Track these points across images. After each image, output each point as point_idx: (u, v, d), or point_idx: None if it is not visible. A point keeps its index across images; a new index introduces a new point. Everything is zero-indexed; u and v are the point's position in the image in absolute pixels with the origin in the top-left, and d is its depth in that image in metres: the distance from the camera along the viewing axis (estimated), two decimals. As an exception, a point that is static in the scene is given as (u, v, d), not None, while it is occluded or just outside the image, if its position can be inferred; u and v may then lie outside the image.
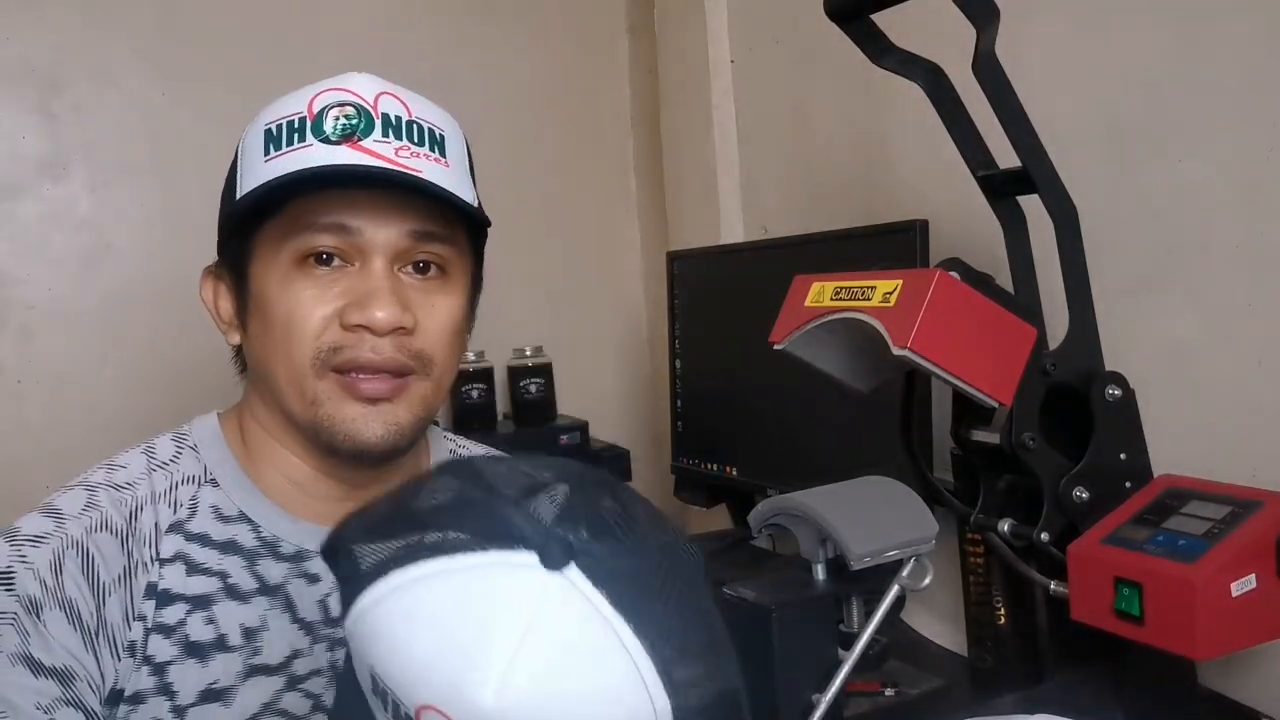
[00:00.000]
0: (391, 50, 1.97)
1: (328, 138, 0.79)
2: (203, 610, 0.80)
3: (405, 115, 0.82)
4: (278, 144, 0.80)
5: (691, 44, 1.93)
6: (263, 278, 0.81)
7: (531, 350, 1.99)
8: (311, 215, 0.79)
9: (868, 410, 1.14)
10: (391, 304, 0.79)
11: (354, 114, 0.80)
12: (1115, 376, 0.94)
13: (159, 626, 0.78)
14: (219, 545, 0.82)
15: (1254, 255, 1.02)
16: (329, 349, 0.79)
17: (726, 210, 1.89)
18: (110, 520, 0.79)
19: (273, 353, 0.81)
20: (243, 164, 0.83)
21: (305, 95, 0.82)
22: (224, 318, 0.87)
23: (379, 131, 0.80)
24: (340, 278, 0.80)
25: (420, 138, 0.82)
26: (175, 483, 0.83)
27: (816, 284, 0.97)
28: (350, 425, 0.80)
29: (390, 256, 0.81)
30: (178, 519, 0.82)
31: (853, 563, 0.88)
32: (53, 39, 1.75)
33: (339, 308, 0.79)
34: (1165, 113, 1.09)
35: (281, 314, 0.80)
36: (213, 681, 0.79)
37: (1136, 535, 0.86)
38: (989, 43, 0.93)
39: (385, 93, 0.83)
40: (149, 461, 0.84)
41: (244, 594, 0.82)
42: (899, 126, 1.48)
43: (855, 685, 0.93)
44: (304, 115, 0.80)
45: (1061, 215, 0.95)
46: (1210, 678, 0.99)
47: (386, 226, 0.80)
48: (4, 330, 1.73)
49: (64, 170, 1.76)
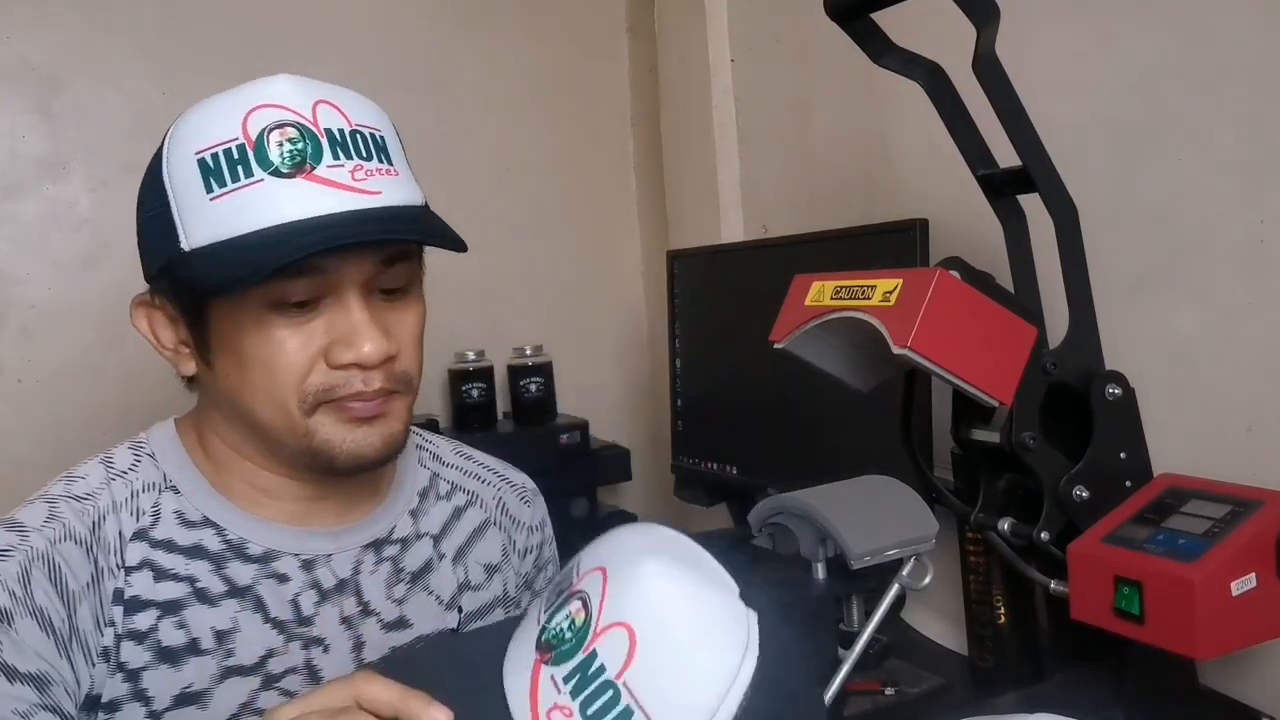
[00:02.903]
0: (391, 50, 1.98)
1: (277, 169, 0.73)
2: (173, 615, 0.80)
3: (346, 125, 0.77)
4: (220, 179, 0.74)
5: (692, 43, 1.93)
6: (230, 320, 0.78)
7: (531, 349, 1.99)
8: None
9: (868, 409, 1.14)
10: (378, 338, 0.77)
11: (297, 137, 0.75)
12: (1115, 375, 0.94)
13: (130, 633, 0.79)
14: (184, 550, 0.82)
15: (1254, 254, 1.02)
16: (319, 389, 0.78)
17: (727, 209, 1.89)
18: (74, 531, 0.79)
19: (254, 393, 0.79)
20: (178, 200, 0.76)
21: (234, 113, 0.75)
22: (166, 346, 0.84)
23: (329, 155, 0.75)
24: (316, 314, 0.78)
25: (367, 150, 0.78)
26: (135, 491, 0.83)
27: (817, 283, 0.97)
28: (351, 446, 0.80)
29: (361, 286, 0.78)
30: (141, 526, 0.82)
31: (853, 562, 0.88)
32: (52, 38, 1.75)
33: (322, 346, 0.78)
34: (1165, 112, 1.09)
35: (261, 358, 0.77)
36: (187, 685, 0.79)
37: (1137, 534, 0.87)
38: (989, 42, 0.93)
39: (320, 101, 0.77)
40: (107, 471, 0.84)
41: (213, 597, 0.82)
42: (899, 126, 1.48)
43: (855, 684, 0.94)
44: (241, 141, 0.74)
45: (1061, 214, 0.95)
46: (1210, 677, 0.99)
47: (358, 261, 0.77)
48: (4, 329, 1.73)
49: (64, 170, 1.76)
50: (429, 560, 0.93)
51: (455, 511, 0.97)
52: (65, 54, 1.76)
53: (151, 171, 0.79)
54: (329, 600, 0.86)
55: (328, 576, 0.86)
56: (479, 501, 0.98)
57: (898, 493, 0.95)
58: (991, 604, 1.10)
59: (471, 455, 1.03)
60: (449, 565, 0.94)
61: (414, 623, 0.90)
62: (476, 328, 2.04)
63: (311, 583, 0.85)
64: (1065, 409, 0.94)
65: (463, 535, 0.96)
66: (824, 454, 1.41)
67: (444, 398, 2.02)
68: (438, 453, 1.00)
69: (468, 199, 2.07)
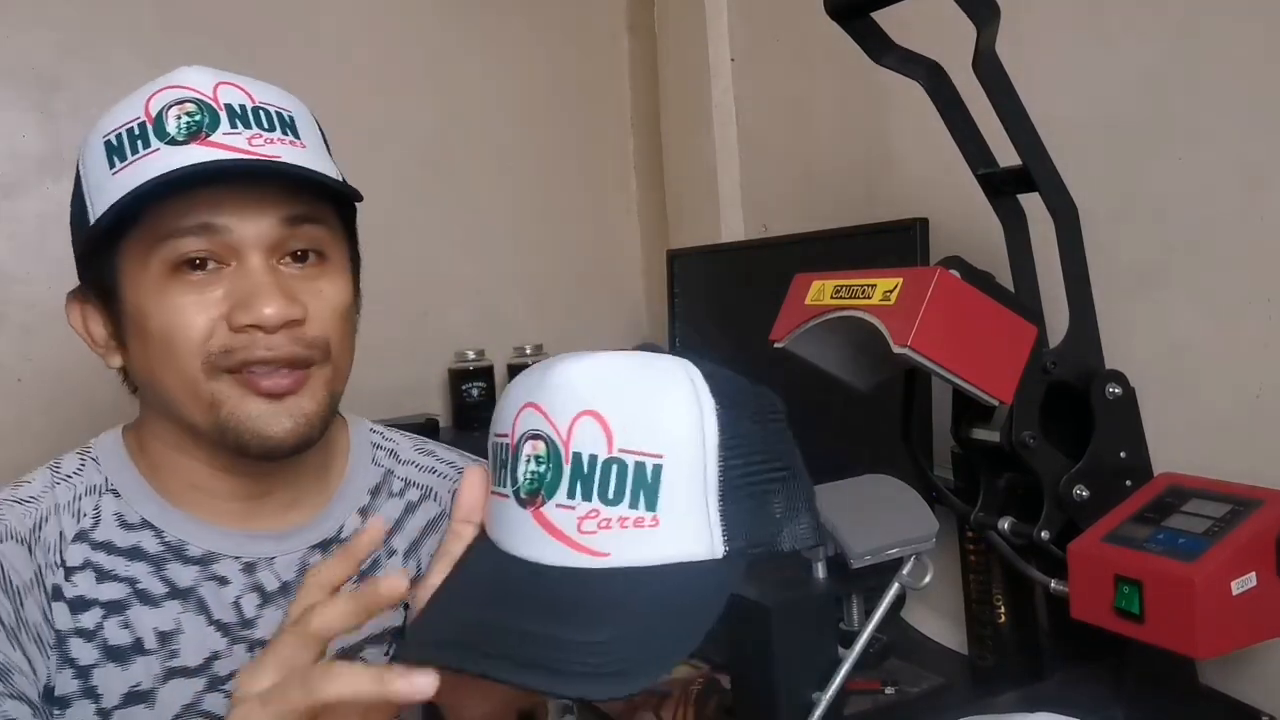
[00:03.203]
0: (392, 50, 1.98)
1: (173, 139, 0.76)
2: (117, 615, 0.80)
3: (249, 102, 0.79)
4: (121, 154, 0.76)
5: (692, 43, 1.93)
6: (135, 293, 0.78)
7: (532, 349, 2.00)
8: (173, 221, 0.76)
9: (868, 409, 1.14)
10: (278, 298, 0.76)
11: (195, 110, 0.77)
12: (1115, 375, 0.94)
13: (78, 630, 0.79)
14: (124, 552, 0.82)
15: (1254, 253, 1.02)
16: (219, 351, 0.77)
17: (727, 209, 1.89)
18: (14, 531, 0.80)
19: (159, 366, 0.79)
20: (88, 183, 0.79)
21: (139, 98, 0.78)
22: (98, 341, 0.85)
23: (225, 124, 0.77)
24: (218, 280, 0.77)
25: (270, 123, 0.79)
26: (78, 494, 0.83)
27: (817, 282, 0.97)
28: (256, 423, 0.78)
29: (265, 249, 0.78)
30: (82, 528, 0.82)
31: (853, 561, 0.88)
32: (52, 37, 1.75)
33: (223, 311, 0.77)
34: (1165, 111, 1.09)
35: (163, 325, 0.77)
36: (135, 684, 0.80)
37: (1137, 533, 0.86)
38: (989, 41, 0.93)
39: (223, 83, 0.79)
40: (53, 476, 0.85)
41: (155, 598, 0.82)
42: (899, 125, 1.48)
43: (855, 683, 0.93)
44: (142, 120, 0.77)
45: (1062, 213, 0.95)
46: (1210, 676, 0.99)
47: (255, 219, 0.77)
48: (3, 329, 1.72)
49: (64, 169, 1.76)
50: (376, 558, 0.91)
51: (408, 507, 0.95)
52: (65, 53, 1.75)
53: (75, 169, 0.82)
54: (272, 603, 0.85)
55: (270, 579, 0.86)
56: (433, 495, 0.97)
57: (898, 492, 0.95)
58: (991, 603, 1.10)
59: (433, 451, 1.01)
60: (399, 561, 0.92)
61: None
62: (476, 327, 2.04)
63: (253, 585, 0.85)
64: (1065, 408, 0.94)
65: (415, 530, 0.94)
66: (824, 453, 1.40)
67: (444, 397, 2.02)
68: (395, 449, 0.98)
69: (468, 198, 2.08)
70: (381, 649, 0.89)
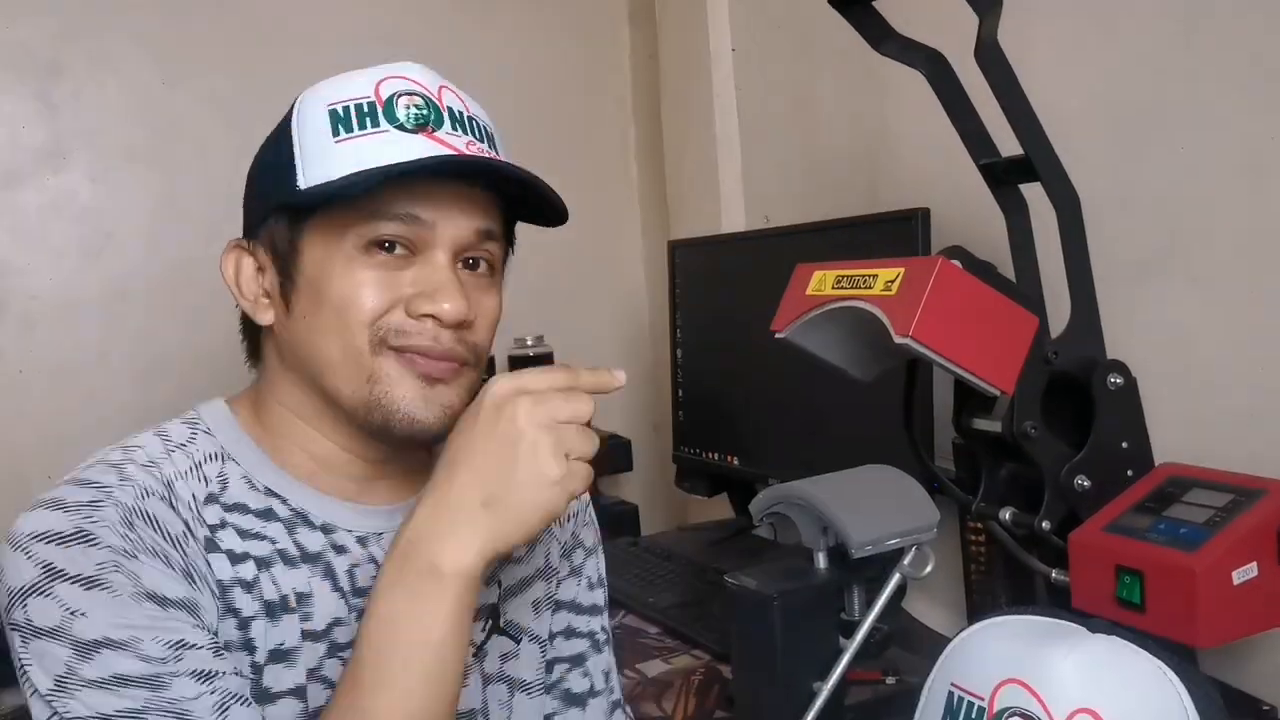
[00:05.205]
0: (392, 38, 1.97)
1: (403, 125, 0.79)
2: (266, 571, 0.80)
3: (465, 111, 0.83)
4: (348, 126, 0.79)
5: (692, 31, 1.92)
6: (321, 259, 0.81)
7: (533, 339, 1.99)
8: (385, 204, 0.79)
9: (869, 399, 1.14)
10: (460, 298, 0.80)
11: (423, 104, 0.81)
12: (1117, 364, 0.94)
13: (239, 581, 0.78)
14: (259, 513, 0.82)
15: (1256, 242, 1.01)
16: (391, 330, 0.80)
17: (728, 199, 1.89)
18: (152, 489, 0.78)
19: (324, 332, 0.80)
20: (304, 142, 0.81)
21: (367, 78, 0.82)
22: (247, 295, 0.86)
23: (449, 124, 0.81)
24: (405, 267, 0.80)
25: (481, 134, 0.83)
26: (197, 461, 0.82)
27: (818, 272, 0.97)
28: (408, 405, 0.80)
29: (454, 250, 0.81)
30: (211, 492, 0.81)
31: (854, 551, 0.88)
32: (52, 27, 1.74)
33: (404, 296, 0.80)
34: (1167, 100, 1.09)
35: (343, 295, 0.79)
36: (280, 642, 0.79)
37: (1138, 523, 0.87)
38: (991, 30, 0.92)
39: (445, 86, 0.84)
40: (165, 444, 0.83)
41: (293, 559, 0.82)
42: (900, 114, 1.47)
43: (856, 673, 0.93)
44: (372, 99, 0.80)
45: (1063, 203, 0.95)
46: (1211, 666, 0.99)
47: (456, 221, 0.81)
48: (5, 320, 1.72)
49: (64, 159, 1.76)
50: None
51: None
52: (66, 43, 1.75)
53: (278, 128, 0.84)
54: None
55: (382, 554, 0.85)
56: None
57: (899, 482, 0.95)
58: (993, 594, 1.10)
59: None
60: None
61: None
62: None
63: (368, 558, 0.85)
64: (1067, 398, 0.94)
65: None
66: (825, 444, 1.41)
67: (445, 388, 2.02)
68: None
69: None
70: (479, 625, 0.90)
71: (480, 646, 0.90)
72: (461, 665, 0.73)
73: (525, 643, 0.94)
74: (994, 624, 0.74)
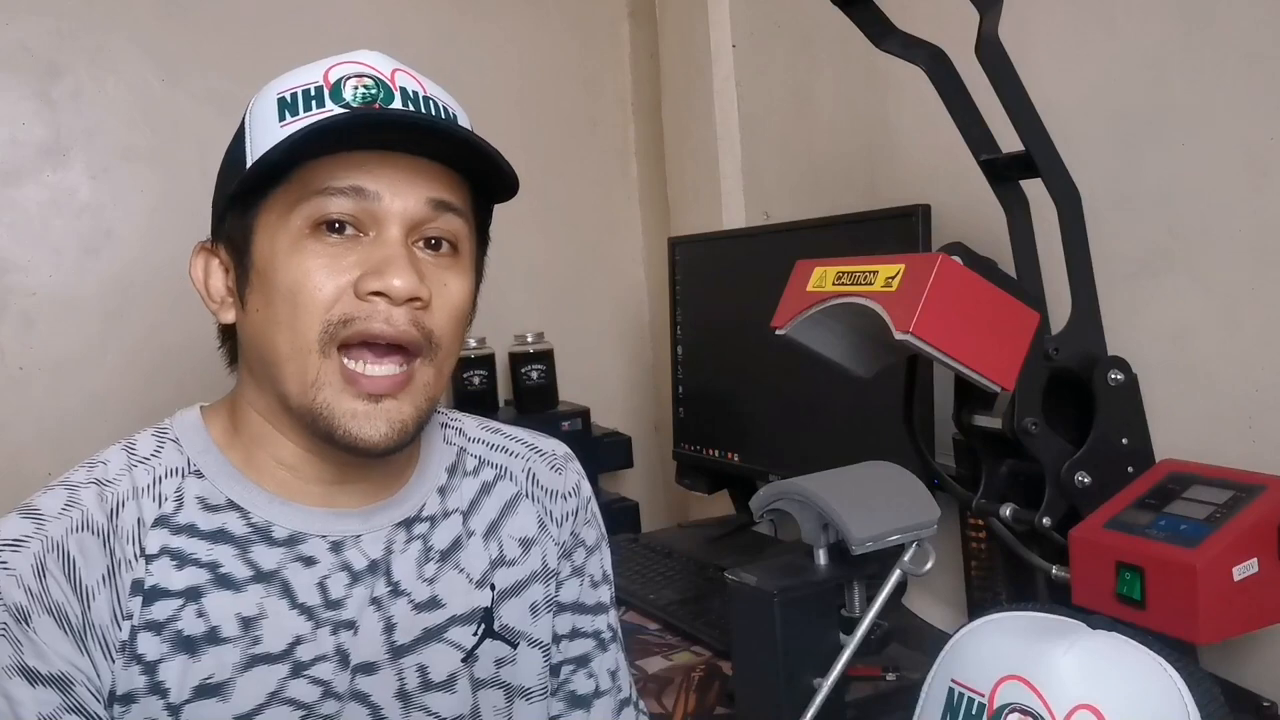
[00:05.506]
0: (392, 35, 1.97)
1: (348, 104, 0.77)
2: (193, 603, 0.79)
3: (421, 90, 0.81)
4: (294, 110, 0.78)
5: (693, 29, 1.92)
6: (268, 247, 0.78)
7: (533, 336, 1.99)
8: (326, 179, 0.76)
9: (870, 395, 1.14)
10: (410, 272, 0.76)
11: (372, 84, 0.79)
12: (1117, 361, 0.94)
13: (147, 624, 0.77)
14: (207, 535, 0.81)
15: (1257, 239, 1.01)
16: (339, 320, 0.76)
17: (728, 195, 1.89)
18: (91, 519, 0.77)
19: (275, 326, 0.78)
20: (253, 132, 0.80)
21: (318, 67, 0.80)
22: (214, 296, 0.84)
23: (399, 102, 0.79)
24: (354, 247, 0.77)
25: (438, 113, 0.81)
26: (158, 477, 0.82)
27: (818, 269, 0.97)
28: (350, 421, 0.77)
29: (407, 225, 0.78)
30: (163, 513, 0.80)
31: (854, 547, 0.88)
32: (52, 24, 1.74)
33: (353, 278, 0.77)
34: (1168, 97, 1.09)
35: (289, 284, 0.77)
36: (207, 676, 0.78)
37: (1138, 520, 0.87)
38: (992, 26, 0.92)
39: (400, 69, 0.82)
40: (129, 457, 0.83)
41: (237, 583, 0.80)
42: (901, 111, 1.47)
43: (857, 670, 0.94)
44: (320, 84, 0.79)
45: (1064, 199, 0.95)
46: (1211, 662, 0.99)
47: (405, 193, 0.78)
48: (5, 316, 1.72)
49: (64, 157, 1.76)
50: (458, 538, 0.91)
51: (484, 487, 0.94)
52: (65, 41, 1.75)
53: (239, 126, 0.83)
54: (360, 582, 0.84)
55: (358, 558, 0.85)
56: (508, 475, 0.96)
57: (899, 478, 0.95)
58: (993, 590, 1.10)
59: (499, 429, 1.00)
60: (479, 542, 0.92)
61: (445, 602, 0.88)
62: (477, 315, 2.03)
63: (341, 565, 0.84)
64: (1067, 394, 0.94)
65: (494, 510, 0.94)
66: (826, 440, 1.41)
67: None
68: (463, 428, 0.98)
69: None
70: (470, 629, 0.89)
71: (470, 652, 0.88)
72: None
73: (523, 647, 0.92)
74: (994, 620, 0.74)
